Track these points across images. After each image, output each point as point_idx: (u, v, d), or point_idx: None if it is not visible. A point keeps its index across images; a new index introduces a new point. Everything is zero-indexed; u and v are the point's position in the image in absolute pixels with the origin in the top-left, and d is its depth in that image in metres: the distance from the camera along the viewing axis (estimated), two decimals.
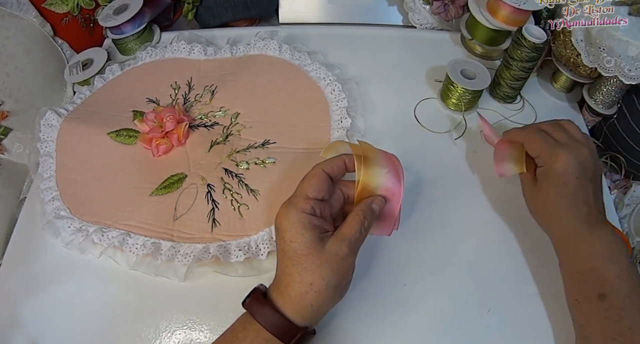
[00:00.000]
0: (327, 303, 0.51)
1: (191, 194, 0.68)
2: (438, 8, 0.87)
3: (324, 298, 0.49)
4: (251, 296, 0.51)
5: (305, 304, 0.49)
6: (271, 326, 0.48)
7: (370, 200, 0.53)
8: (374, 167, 0.54)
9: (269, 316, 0.48)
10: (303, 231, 0.49)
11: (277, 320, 0.48)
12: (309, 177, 0.52)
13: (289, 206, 0.50)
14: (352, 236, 0.50)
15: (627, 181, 0.77)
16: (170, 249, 0.63)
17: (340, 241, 0.49)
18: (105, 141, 0.73)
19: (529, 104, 0.81)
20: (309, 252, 0.48)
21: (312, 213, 0.50)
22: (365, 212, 0.52)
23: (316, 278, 0.48)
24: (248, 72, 0.81)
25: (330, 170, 0.53)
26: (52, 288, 0.64)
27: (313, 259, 0.48)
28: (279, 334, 0.48)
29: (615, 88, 0.73)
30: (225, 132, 0.74)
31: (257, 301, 0.50)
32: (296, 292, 0.49)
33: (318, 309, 0.50)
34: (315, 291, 0.48)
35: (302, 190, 0.51)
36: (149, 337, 0.60)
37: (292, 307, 0.49)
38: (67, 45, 0.90)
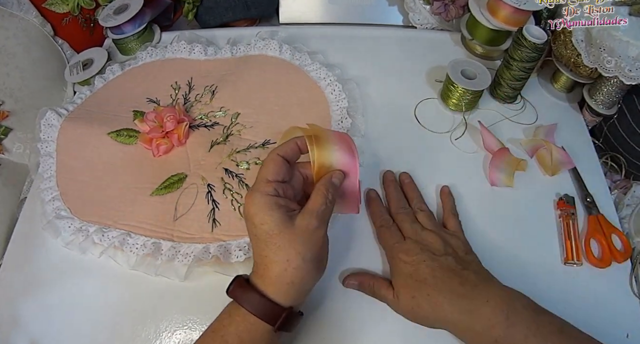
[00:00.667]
0: (308, 279, 0.51)
1: (191, 194, 0.68)
2: (438, 8, 0.87)
3: (304, 273, 0.50)
4: (234, 284, 0.51)
5: (286, 281, 0.49)
6: (256, 309, 0.49)
7: (329, 175, 0.55)
8: (325, 146, 0.56)
9: (252, 300, 0.49)
10: (270, 212, 0.49)
11: (261, 302, 0.49)
12: (266, 162, 0.53)
13: (253, 193, 0.51)
14: (318, 209, 0.51)
15: (628, 181, 0.77)
16: (171, 249, 0.63)
17: (308, 214, 0.51)
18: (106, 141, 0.73)
19: (529, 104, 0.81)
20: (280, 230, 0.49)
21: (275, 194, 0.51)
22: (326, 185, 0.53)
23: (291, 254, 0.49)
24: (248, 73, 0.81)
25: (285, 153, 0.54)
26: (52, 287, 0.64)
27: (285, 236, 0.49)
28: (265, 316, 0.49)
29: (615, 88, 0.73)
30: (226, 132, 0.74)
31: (239, 286, 0.51)
32: (275, 272, 0.49)
33: (300, 286, 0.50)
34: (294, 267, 0.49)
35: (262, 175, 0.52)
36: (149, 337, 0.60)
37: (274, 288, 0.49)
38: (67, 45, 0.90)
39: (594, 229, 0.67)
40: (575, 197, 0.70)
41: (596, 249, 0.66)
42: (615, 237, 0.66)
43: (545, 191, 0.71)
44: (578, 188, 0.71)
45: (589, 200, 0.69)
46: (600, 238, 0.66)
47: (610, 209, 0.70)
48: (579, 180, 0.71)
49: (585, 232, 0.67)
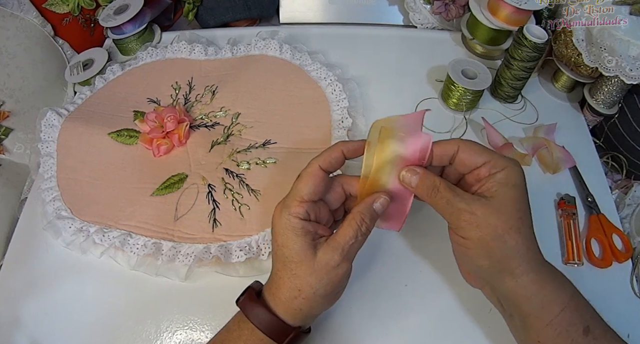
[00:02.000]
0: (317, 308, 0.50)
1: (192, 194, 0.68)
2: (439, 8, 0.87)
3: (313, 304, 0.48)
4: (245, 295, 0.51)
5: (294, 308, 0.48)
6: (264, 326, 0.48)
7: (372, 199, 0.48)
8: (388, 160, 0.48)
9: (261, 316, 0.48)
10: (295, 237, 0.47)
11: (269, 320, 0.48)
12: (305, 176, 0.49)
13: (282, 209, 0.48)
14: (345, 244, 0.47)
15: (629, 180, 0.77)
16: (171, 250, 0.63)
17: (333, 249, 0.47)
18: (106, 141, 0.73)
19: (530, 103, 0.81)
20: (299, 259, 0.47)
21: (305, 218, 0.48)
22: (363, 215, 0.48)
23: (304, 286, 0.47)
24: (249, 72, 0.81)
25: (328, 165, 0.49)
26: (53, 288, 0.64)
27: (303, 267, 0.47)
28: (272, 334, 0.48)
29: (616, 88, 0.73)
30: (226, 132, 0.74)
31: (250, 300, 0.50)
32: (285, 296, 0.48)
33: (308, 313, 0.49)
34: (303, 298, 0.48)
35: (297, 191, 0.48)
36: (150, 337, 0.60)
37: (283, 308, 0.49)
38: (67, 45, 0.90)
39: (595, 229, 0.67)
40: (576, 197, 0.70)
41: (597, 249, 0.66)
42: (616, 237, 0.66)
43: (546, 191, 0.71)
44: (579, 188, 0.71)
45: (589, 200, 0.69)
46: (601, 238, 0.66)
47: (611, 209, 0.70)
48: (580, 180, 0.71)
49: (586, 232, 0.67)
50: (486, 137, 0.74)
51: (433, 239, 0.66)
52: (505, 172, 0.47)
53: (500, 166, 0.47)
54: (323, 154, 0.50)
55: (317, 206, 0.50)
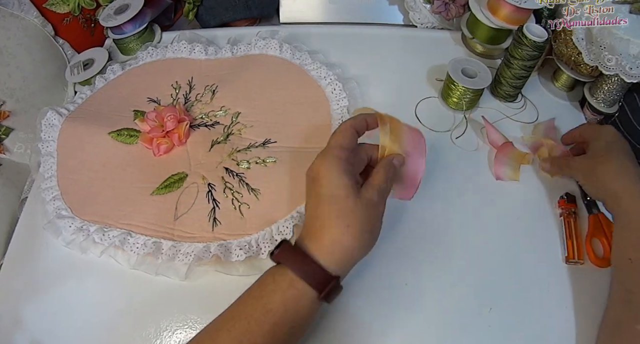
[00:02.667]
0: (360, 250, 0.51)
1: (192, 193, 0.68)
2: (439, 7, 0.87)
3: (359, 242, 0.49)
4: (280, 247, 0.51)
5: (342, 246, 0.49)
6: (305, 273, 0.48)
7: (391, 156, 0.56)
8: (395, 131, 0.57)
9: (302, 264, 0.48)
10: (342, 174, 0.50)
11: (311, 267, 0.48)
12: (341, 131, 0.54)
13: (326, 155, 0.52)
14: (381, 185, 0.52)
15: None
16: (171, 249, 0.63)
17: (372, 188, 0.51)
18: (106, 140, 0.73)
19: (530, 102, 0.81)
20: (347, 194, 0.49)
21: (347, 161, 0.52)
22: (388, 165, 0.55)
23: (352, 220, 0.49)
24: (249, 72, 0.81)
25: (356, 125, 0.55)
26: (53, 287, 0.64)
27: (350, 202, 0.49)
28: (314, 282, 0.48)
29: (616, 86, 0.73)
30: (226, 132, 0.74)
31: (288, 250, 0.50)
32: (331, 235, 0.49)
33: (352, 254, 0.50)
34: (351, 234, 0.48)
35: (337, 142, 0.53)
36: (149, 337, 0.60)
37: (326, 251, 0.49)
38: (68, 45, 0.90)
39: (595, 229, 0.66)
40: (576, 196, 0.70)
41: (598, 248, 0.66)
42: None
43: (547, 190, 0.71)
44: (578, 187, 0.71)
45: (588, 199, 0.69)
46: (602, 237, 0.65)
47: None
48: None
49: (587, 231, 0.67)
50: (486, 136, 0.74)
51: (433, 238, 0.66)
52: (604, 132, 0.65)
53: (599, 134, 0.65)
54: (351, 118, 0.56)
55: (352, 157, 0.54)
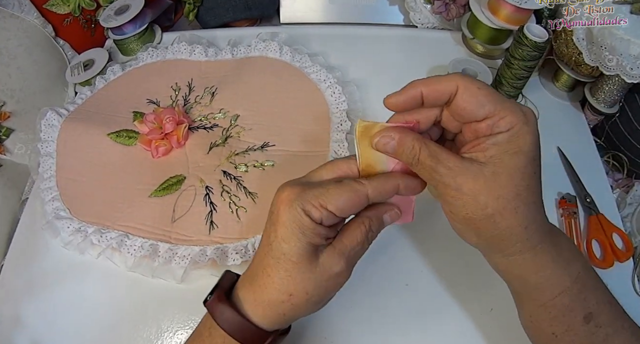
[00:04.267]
0: (302, 314, 0.44)
1: (189, 196, 0.68)
2: (439, 7, 0.87)
3: (300, 311, 0.43)
4: (213, 295, 0.45)
5: (278, 312, 0.42)
6: (237, 332, 0.42)
7: (383, 210, 0.44)
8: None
9: (233, 322, 0.42)
10: (300, 235, 0.40)
11: (244, 326, 0.42)
12: (347, 191, 0.40)
13: (293, 201, 0.40)
14: (352, 249, 0.42)
15: (630, 180, 0.77)
16: (168, 251, 0.63)
17: (339, 254, 0.42)
18: (105, 141, 0.73)
19: (531, 103, 0.80)
20: (300, 260, 0.40)
21: (318, 222, 0.40)
22: (371, 221, 0.43)
23: (298, 291, 0.41)
24: (248, 74, 0.81)
25: (376, 196, 0.41)
26: (54, 287, 0.64)
27: (302, 269, 0.41)
28: (247, 342, 0.42)
29: (617, 87, 0.73)
30: (225, 134, 0.74)
31: (219, 301, 0.44)
32: (271, 298, 0.42)
33: (290, 318, 0.44)
34: (292, 303, 0.42)
35: (326, 196, 0.40)
36: (150, 337, 0.60)
37: (263, 312, 0.43)
38: (68, 46, 0.90)
39: (595, 230, 0.66)
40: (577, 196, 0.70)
41: (598, 249, 0.66)
42: (616, 236, 0.66)
43: (547, 190, 0.71)
44: (577, 188, 0.71)
45: (588, 200, 0.69)
46: (602, 238, 0.65)
47: (611, 208, 0.70)
48: (577, 180, 0.71)
49: (586, 232, 0.67)
50: None
51: (434, 238, 0.66)
52: (509, 133, 0.37)
53: (504, 125, 0.38)
54: (379, 182, 0.41)
55: (337, 218, 0.42)
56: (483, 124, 0.39)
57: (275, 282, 0.41)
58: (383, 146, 0.41)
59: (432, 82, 0.40)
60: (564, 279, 0.41)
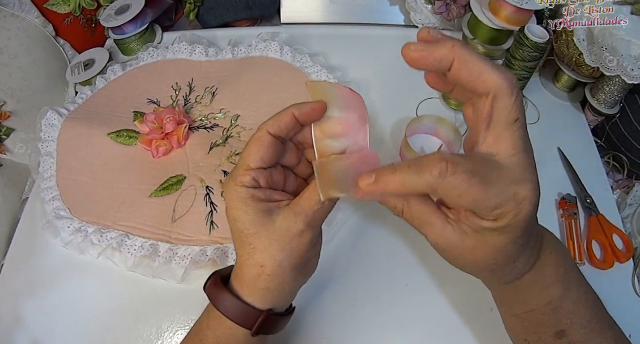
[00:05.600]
0: (288, 284, 0.44)
1: (190, 196, 0.68)
2: (440, 8, 0.87)
3: (281, 280, 0.43)
4: (210, 280, 0.46)
5: (261, 287, 0.43)
6: (230, 312, 0.43)
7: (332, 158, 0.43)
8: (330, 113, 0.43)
9: (226, 302, 0.43)
10: (245, 207, 0.41)
11: (234, 305, 0.43)
12: (251, 143, 0.42)
13: (228, 181, 0.42)
14: (309, 209, 0.41)
15: (630, 180, 0.77)
16: (168, 251, 0.63)
17: (294, 214, 0.41)
18: (106, 141, 0.73)
19: (531, 103, 0.80)
20: (256, 230, 0.41)
21: (254, 186, 0.42)
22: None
23: (266, 259, 0.41)
24: (249, 74, 0.81)
25: (277, 129, 0.42)
26: (54, 287, 0.65)
27: (261, 238, 0.41)
28: (239, 320, 0.43)
29: (617, 87, 0.73)
30: (225, 134, 0.74)
31: (214, 285, 0.45)
32: (248, 275, 0.43)
33: (278, 291, 0.44)
34: (268, 274, 0.42)
35: (243, 159, 0.42)
36: (150, 337, 0.61)
37: (249, 290, 0.43)
38: (69, 45, 0.90)
39: (595, 230, 0.66)
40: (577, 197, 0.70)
41: (598, 250, 0.66)
42: (616, 237, 0.66)
43: (547, 191, 0.71)
44: (577, 189, 0.71)
45: (588, 201, 0.69)
46: (602, 239, 0.65)
47: (612, 209, 0.70)
48: (577, 181, 0.71)
49: (587, 233, 0.67)
50: None
51: None
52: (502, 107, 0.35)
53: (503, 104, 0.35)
54: (273, 117, 0.43)
55: (270, 172, 0.43)
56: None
57: (245, 259, 0.42)
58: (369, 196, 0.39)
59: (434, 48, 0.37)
60: (537, 300, 0.42)
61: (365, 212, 0.68)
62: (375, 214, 0.68)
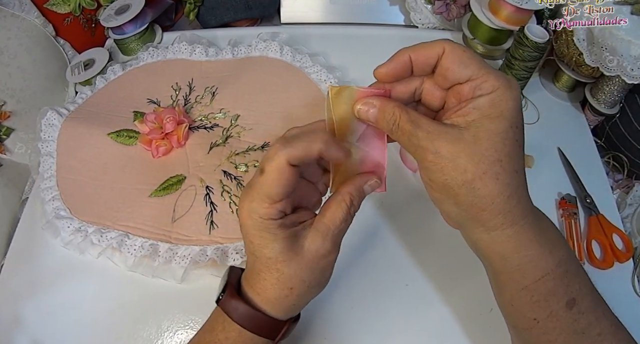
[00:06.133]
0: (309, 298, 0.46)
1: (190, 196, 0.68)
2: (440, 8, 0.87)
3: (306, 297, 0.45)
4: (225, 294, 0.45)
5: (287, 304, 0.44)
6: (254, 326, 0.43)
7: (363, 181, 0.43)
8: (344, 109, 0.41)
9: (249, 316, 0.43)
10: (273, 237, 0.40)
11: (259, 319, 0.43)
12: (271, 173, 0.39)
13: (251, 212, 0.40)
14: (335, 228, 0.41)
15: (630, 180, 0.77)
16: (168, 251, 0.63)
17: (322, 235, 0.41)
18: (106, 141, 0.73)
19: (531, 103, 0.81)
20: (285, 258, 0.41)
21: (281, 217, 0.41)
22: (352, 196, 0.42)
23: (297, 283, 0.42)
24: (249, 74, 0.81)
25: (298, 162, 0.39)
26: (54, 287, 0.64)
27: (291, 264, 0.41)
28: (264, 333, 0.43)
29: (617, 87, 0.73)
30: (225, 134, 0.74)
31: (232, 298, 0.44)
32: (274, 295, 0.43)
33: (301, 306, 0.46)
34: (297, 295, 0.43)
35: (265, 191, 0.39)
36: (150, 337, 0.60)
37: (272, 306, 0.43)
38: (69, 45, 0.90)
39: (595, 230, 0.66)
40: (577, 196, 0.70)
41: (598, 250, 0.66)
42: (616, 237, 0.66)
43: (547, 191, 0.71)
44: (577, 189, 0.71)
45: (588, 201, 0.69)
46: (602, 239, 0.65)
47: (611, 209, 0.70)
48: (577, 180, 0.71)
49: (587, 233, 0.67)
50: None
51: (434, 239, 0.66)
52: (491, 97, 0.37)
53: (487, 88, 0.37)
54: (295, 145, 0.38)
55: (291, 198, 0.42)
56: (466, 87, 0.38)
57: (272, 283, 0.42)
58: (365, 113, 0.40)
59: (420, 47, 0.40)
60: (547, 262, 0.40)
61: (365, 212, 0.68)
62: (375, 214, 0.68)
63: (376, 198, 0.69)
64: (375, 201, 0.69)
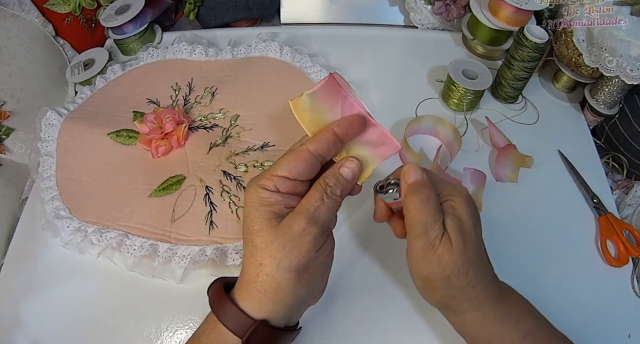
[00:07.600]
0: (286, 290, 0.43)
1: (189, 196, 0.68)
2: (439, 8, 0.87)
3: (279, 282, 0.42)
4: (212, 285, 0.46)
5: (258, 289, 0.42)
6: (224, 317, 0.43)
7: (338, 164, 0.45)
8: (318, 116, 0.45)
9: (222, 306, 0.43)
10: (259, 206, 0.42)
11: (229, 309, 0.43)
12: (288, 153, 0.44)
13: (251, 182, 0.44)
14: (310, 207, 0.42)
15: (629, 181, 0.77)
16: (168, 251, 0.63)
17: (296, 213, 0.42)
18: (106, 141, 0.73)
19: (530, 104, 0.81)
20: (260, 228, 0.42)
21: (274, 190, 0.43)
22: (327, 178, 0.44)
23: (265, 257, 0.41)
24: (248, 74, 0.81)
25: (318, 147, 0.43)
26: (53, 287, 0.64)
27: (264, 235, 0.42)
28: (231, 326, 0.42)
29: (617, 88, 0.73)
30: (225, 134, 0.74)
31: (216, 289, 0.45)
32: (248, 276, 0.43)
33: (275, 296, 0.42)
34: (266, 274, 0.42)
35: (274, 166, 0.43)
36: (150, 337, 0.60)
37: (246, 293, 0.43)
38: (68, 45, 0.90)
39: (607, 230, 0.66)
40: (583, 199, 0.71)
41: (612, 249, 0.66)
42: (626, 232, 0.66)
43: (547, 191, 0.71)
44: (582, 189, 0.71)
45: (595, 200, 0.69)
46: (615, 238, 0.65)
47: (612, 209, 0.70)
48: (582, 182, 0.71)
49: (600, 233, 0.67)
50: (488, 138, 0.74)
51: None
52: (449, 204, 0.46)
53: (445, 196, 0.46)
54: (317, 136, 0.43)
55: (291, 184, 0.43)
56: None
57: (247, 259, 0.43)
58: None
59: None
60: (512, 336, 0.46)
61: (365, 212, 0.68)
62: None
63: None
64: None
